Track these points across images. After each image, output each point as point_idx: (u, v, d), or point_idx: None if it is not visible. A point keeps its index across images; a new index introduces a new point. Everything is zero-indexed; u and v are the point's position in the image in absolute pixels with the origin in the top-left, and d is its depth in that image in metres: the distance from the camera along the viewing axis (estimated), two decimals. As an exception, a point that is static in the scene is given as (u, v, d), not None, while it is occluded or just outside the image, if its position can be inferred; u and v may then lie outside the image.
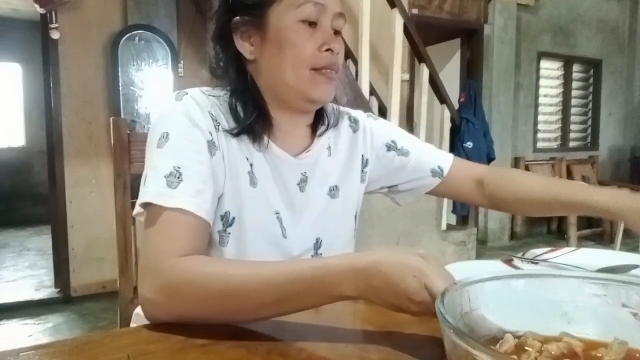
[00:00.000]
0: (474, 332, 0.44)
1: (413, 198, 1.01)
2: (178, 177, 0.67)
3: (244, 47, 0.77)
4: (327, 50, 0.75)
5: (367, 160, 0.93)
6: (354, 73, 3.20)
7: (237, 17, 0.76)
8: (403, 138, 0.96)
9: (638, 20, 5.78)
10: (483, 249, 4.53)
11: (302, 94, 0.77)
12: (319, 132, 0.86)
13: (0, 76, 5.74)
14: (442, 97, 3.60)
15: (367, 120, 0.95)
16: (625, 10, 5.74)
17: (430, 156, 0.95)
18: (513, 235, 5.05)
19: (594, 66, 5.63)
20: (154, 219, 0.65)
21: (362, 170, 0.92)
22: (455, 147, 3.94)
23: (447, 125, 3.76)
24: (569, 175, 5.21)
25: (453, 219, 4.23)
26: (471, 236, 3.74)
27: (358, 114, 0.96)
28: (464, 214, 4.32)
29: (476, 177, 0.94)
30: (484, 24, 4.64)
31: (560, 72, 5.46)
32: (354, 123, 0.93)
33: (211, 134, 0.72)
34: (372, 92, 3.50)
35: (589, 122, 5.77)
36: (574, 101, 5.57)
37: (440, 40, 4.79)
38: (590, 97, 5.72)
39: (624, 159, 5.92)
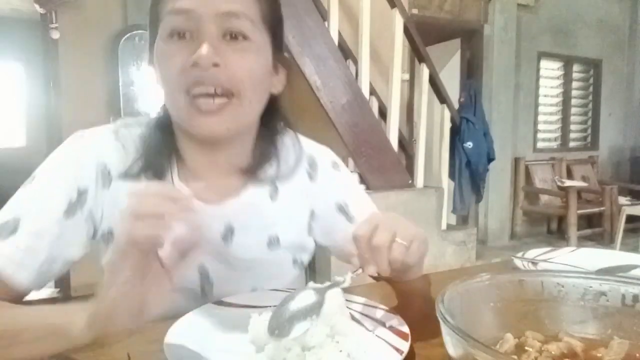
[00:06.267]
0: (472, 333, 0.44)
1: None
2: (12, 230, 0.60)
3: (155, 71, 0.67)
4: (195, 65, 0.59)
5: (314, 214, 0.79)
6: (354, 73, 3.20)
7: (150, 41, 0.67)
8: (355, 203, 0.81)
9: (638, 20, 5.77)
10: (483, 249, 4.53)
11: (183, 127, 0.65)
12: (257, 175, 0.71)
13: (0, 76, 5.74)
14: (442, 97, 3.60)
15: (328, 170, 0.81)
16: (625, 10, 5.73)
17: None
18: (513, 235, 5.05)
19: (594, 66, 5.63)
20: None
21: (309, 223, 0.79)
22: (456, 147, 3.94)
23: (447, 125, 3.76)
24: (569, 175, 5.21)
25: (453, 219, 4.23)
26: (471, 236, 3.74)
27: (321, 156, 0.81)
28: (464, 213, 4.32)
29: None
30: (484, 24, 4.64)
31: (560, 72, 5.45)
32: (313, 169, 0.78)
33: (84, 193, 0.64)
34: (372, 92, 3.50)
35: (589, 122, 5.77)
36: (574, 101, 5.57)
37: (440, 40, 4.79)
38: (590, 97, 5.72)
39: (624, 159, 5.92)
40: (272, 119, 0.75)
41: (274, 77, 0.71)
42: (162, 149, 0.67)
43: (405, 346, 0.51)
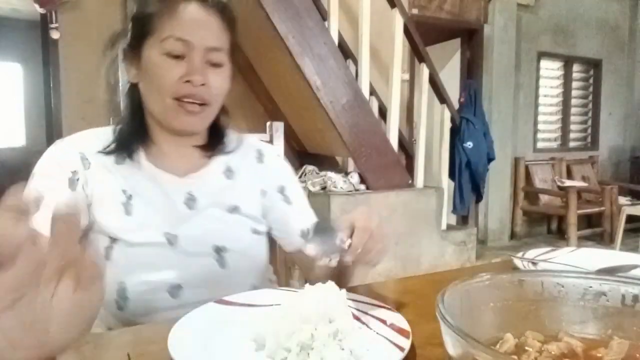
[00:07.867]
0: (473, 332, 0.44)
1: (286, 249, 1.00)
2: (39, 205, 0.64)
3: (129, 71, 0.86)
4: (187, 81, 0.79)
5: (264, 192, 0.94)
6: (354, 73, 3.20)
7: (125, 46, 0.86)
8: (292, 188, 0.98)
9: (638, 20, 5.77)
10: (483, 249, 4.53)
11: (165, 122, 0.84)
12: (210, 153, 0.91)
13: (0, 76, 5.74)
14: (442, 97, 3.60)
15: (274, 157, 1.00)
16: (625, 10, 5.74)
17: (304, 217, 0.96)
18: (513, 235, 5.05)
19: (594, 66, 5.63)
20: None
21: (261, 202, 0.94)
22: (456, 147, 3.94)
23: (447, 125, 3.76)
24: (569, 175, 5.21)
25: (453, 219, 4.23)
26: (471, 236, 3.74)
27: (267, 149, 1.00)
28: (464, 214, 4.32)
29: None
30: (484, 24, 4.64)
31: (560, 72, 5.45)
32: (260, 155, 0.97)
33: (75, 173, 0.81)
34: (372, 92, 3.50)
35: (589, 122, 5.77)
36: (574, 101, 5.57)
37: (440, 40, 4.79)
38: (590, 97, 5.72)
39: (624, 159, 5.92)
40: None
41: None
42: (133, 135, 0.85)
43: (406, 343, 0.51)
